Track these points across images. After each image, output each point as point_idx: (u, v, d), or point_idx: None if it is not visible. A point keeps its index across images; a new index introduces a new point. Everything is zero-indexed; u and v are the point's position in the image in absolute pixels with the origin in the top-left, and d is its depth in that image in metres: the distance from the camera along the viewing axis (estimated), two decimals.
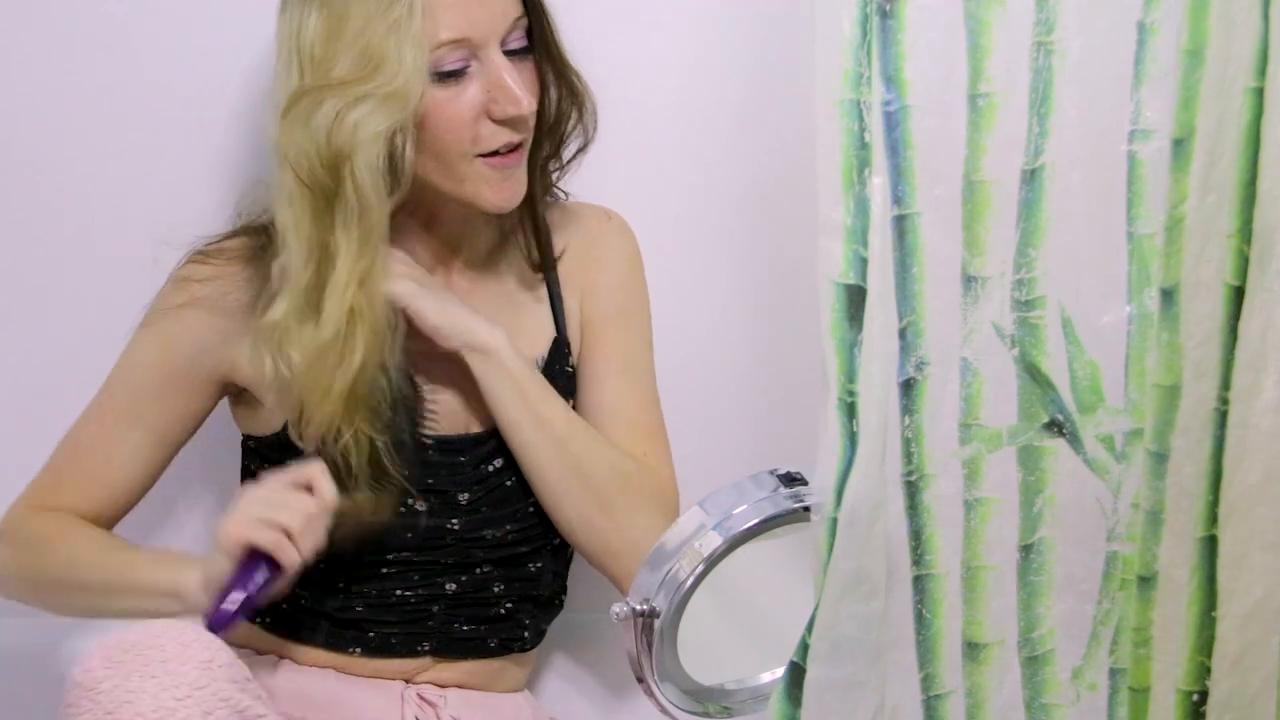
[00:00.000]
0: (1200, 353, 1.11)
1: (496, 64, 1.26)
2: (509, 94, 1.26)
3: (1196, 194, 1.09)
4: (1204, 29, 1.07)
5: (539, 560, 1.41)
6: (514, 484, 1.38)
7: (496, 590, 1.39)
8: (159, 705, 1.08)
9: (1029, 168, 1.09)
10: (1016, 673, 1.18)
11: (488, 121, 1.27)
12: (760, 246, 1.55)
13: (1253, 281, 1.09)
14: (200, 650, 1.12)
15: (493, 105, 1.27)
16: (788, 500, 1.13)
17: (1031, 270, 1.10)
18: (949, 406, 1.11)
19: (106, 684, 1.08)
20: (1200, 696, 1.15)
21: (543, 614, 1.46)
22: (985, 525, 1.14)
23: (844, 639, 1.09)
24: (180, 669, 1.09)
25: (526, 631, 1.43)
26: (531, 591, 1.42)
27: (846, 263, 1.04)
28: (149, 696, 1.08)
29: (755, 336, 1.57)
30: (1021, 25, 1.07)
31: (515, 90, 1.26)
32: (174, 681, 1.09)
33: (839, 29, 1.02)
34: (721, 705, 1.21)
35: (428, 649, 1.39)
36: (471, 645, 1.40)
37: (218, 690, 1.10)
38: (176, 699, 1.08)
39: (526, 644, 1.44)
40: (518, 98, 1.26)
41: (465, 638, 1.39)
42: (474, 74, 1.26)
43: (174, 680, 1.09)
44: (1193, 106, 1.08)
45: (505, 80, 1.26)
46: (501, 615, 1.41)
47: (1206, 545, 1.13)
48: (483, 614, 1.40)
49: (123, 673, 1.09)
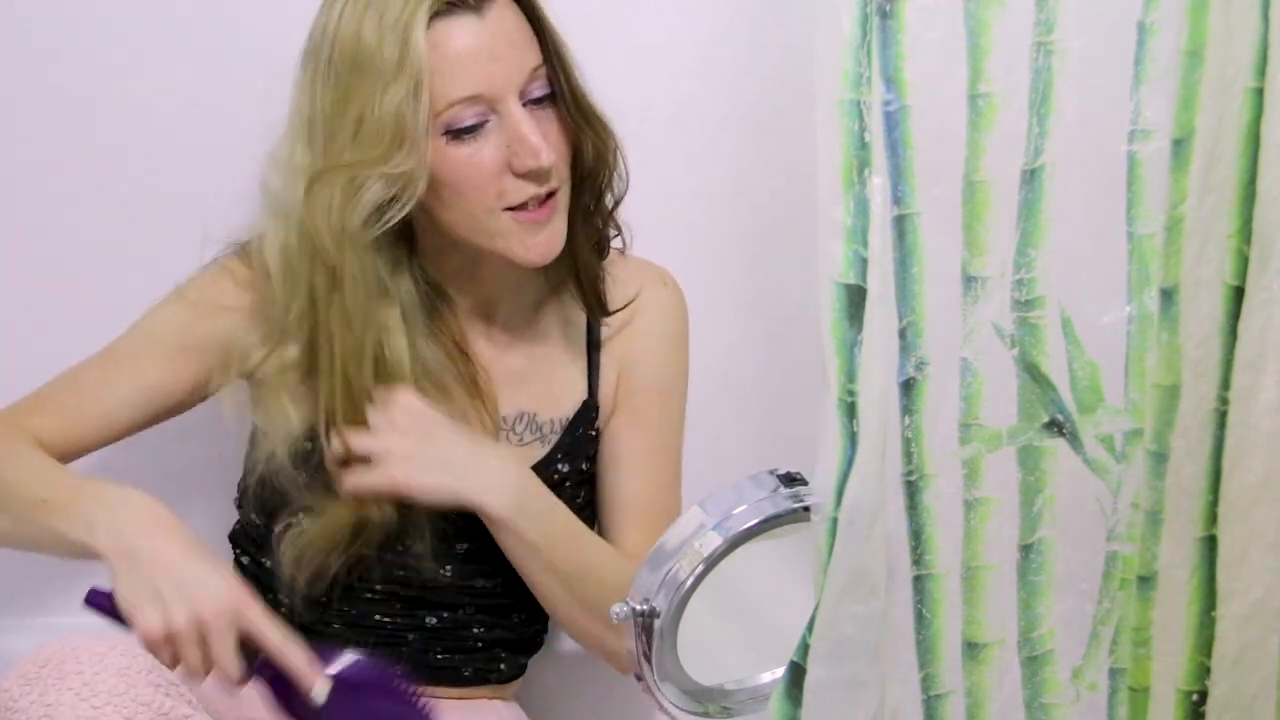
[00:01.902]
0: (1200, 353, 1.11)
1: (515, 116, 1.23)
2: (528, 146, 1.23)
3: (1196, 194, 1.09)
4: (1204, 29, 1.07)
5: (523, 611, 1.41)
6: None
7: (476, 631, 1.39)
8: (77, 716, 1.07)
9: (1029, 168, 1.09)
10: (1016, 673, 1.18)
11: (511, 175, 1.24)
12: (760, 246, 1.55)
13: (1252, 281, 1.09)
14: (117, 659, 1.11)
15: (513, 159, 1.24)
16: (788, 500, 1.13)
17: (1031, 270, 1.10)
18: (949, 406, 1.11)
19: (23, 701, 1.08)
20: (1200, 696, 1.16)
21: (521, 653, 1.45)
22: (985, 525, 1.14)
23: (844, 639, 1.09)
24: (96, 678, 1.09)
25: (503, 664, 1.43)
26: (510, 635, 1.42)
27: (846, 263, 1.04)
28: (66, 709, 1.07)
29: (755, 336, 1.57)
30: (1021, 25, 1.07)
31: (534, 141, 1.23)
32: (91, 691, 1.08)
33: (839, 29, 1.02)
34: (721, 705, 1.21)
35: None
36: (446, 673, 1.40)
37: (137, 695, 1.10)
38: (94, 708, 1.07)
39: (504, 675, 1.43)
40: (536, 149, 1.23)
41: (440, 666, 1.39)
42: (493, 128, 1.23)
43: (90, 690, 1.08)
44: (1192, 106, 1.08)
45: (523, 132, 1.23)
46: (478, 649, 1.40)
47: (1206, 545, 1.13)
48: (459, 646, 1.39)
49: (39, 689, 1.08)
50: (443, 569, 1.35)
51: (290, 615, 1.34)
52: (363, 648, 1.34)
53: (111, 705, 1.08)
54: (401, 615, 1.36)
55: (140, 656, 1.13)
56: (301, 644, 1.18)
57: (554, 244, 1.28)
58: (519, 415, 1.37)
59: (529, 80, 1.24)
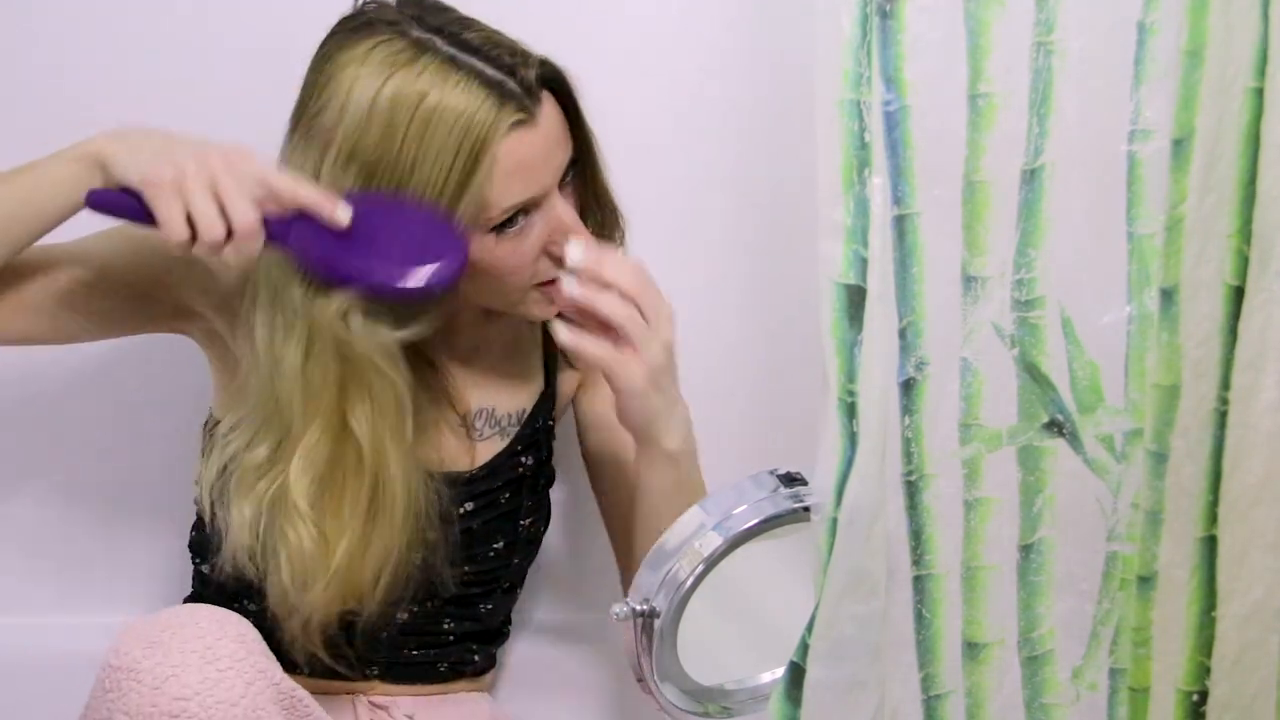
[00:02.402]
0: (1200, 353, 1.11)
1: (559, 209, 1.23)
2: (572, 234, 1.23)
3: (1196, 194, 1.09)
4: (1204, 29, 1.07)
5: (490, 602, 1.42)
6: (480, 528, 1.37)
7: (446, 625, 1.40)
8: (204, 678, 1.09)
9: (1029, 168, 1.09)
10: (1016, 673, 1.18)
11: (545, 257, 1.24)
12: (760, 246, 1.55)
13: (1252, 281, 1.09)
14: (234, 626, 1.13)
15: (552, 245, 1.23)
16: (788, 500, 1.13)
17: (1031, 270, 1.10)
18: (949, 406, 1.11)
19: (147, 663, 1.09)
20: (1200, 696, 1.16)
21: (490, 643, 1.47)
22: (985, 525, 1.14)
23: (844, 639, 1.09)
24: (218, 643, 1.11)
25: (477, 657, 1.44)
26: (479, 626, 1.43)
27: (846, 263, 1.04)
28: (193, 670, 1.09)
29: (755, 336, 1.58)
30: (1021, 25, 1.07)
31: (578, 230, 1.24)
32: (214, 655, 1.10)
33: (839, 29, 1.02)
34: (721, 705, 1.21)
35: (376, 673, 1.39)
36: (420, 670, 1.41)
37: (255, 663, 1.12)
38: (219, 670, 1.09)
39: (477, 668, 1.45)
40: (580, 236, 1.23)
41: (414, 662, 1.40)
42: (536, 219, 1.23)
43: (214, 654, 1.10)
44: (1192, 106, 1.08)
45: (567, 223, 1.23)
46: (449, 643, 1.41)
47: (1206, 545, 1.13)
48: (432, 642, 1.40)
49: (162, 651, 1.10)
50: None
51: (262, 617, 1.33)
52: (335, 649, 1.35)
53: (234, 670, 1.10)
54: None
55: (252, 629, 1.15)
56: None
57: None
58: (479, 411, 1.37)
59: (567, 169, 1.25)
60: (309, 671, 1.35)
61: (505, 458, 1.37)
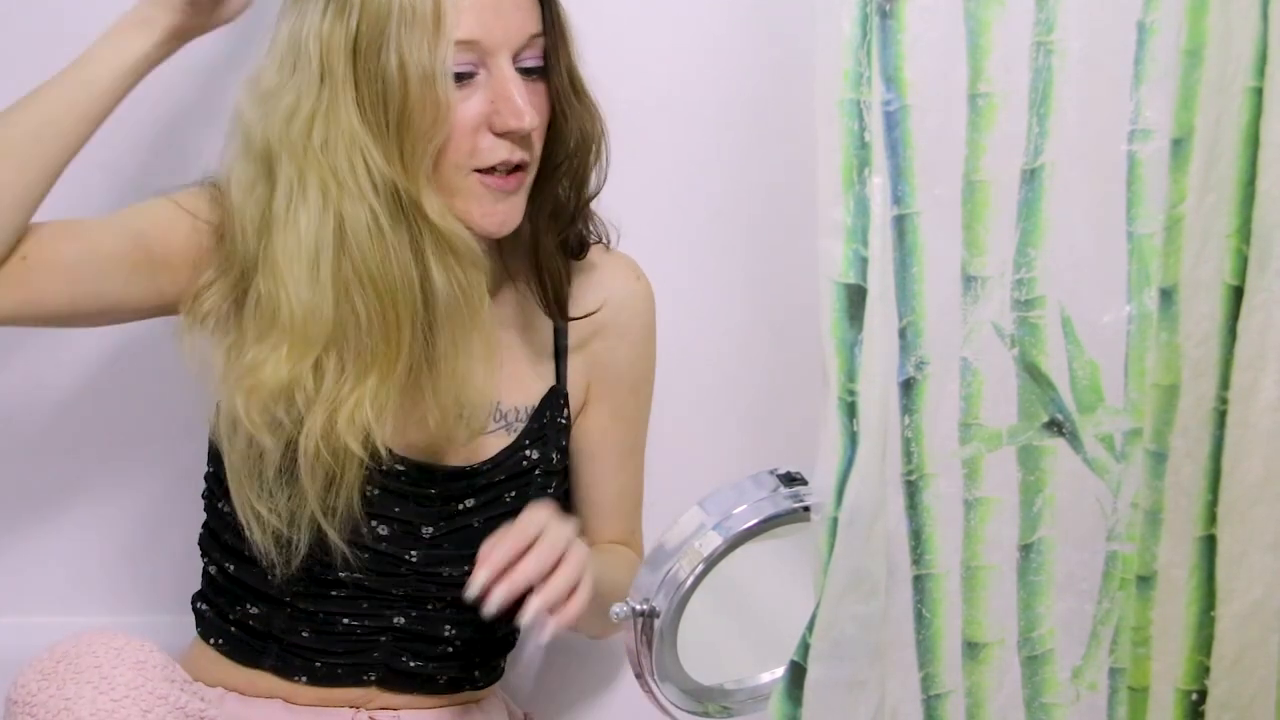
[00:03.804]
0: (1200, 352, 1.11)
1: (504, 75, 1.23)
2: (512, 105, 1.22)
3: (1196, 194, 1.09)
4: (1203, 29, 1.07)
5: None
6: (480, 526, 1.34)
7: (447, 631, 1.37)
8: (97, 709, 1.08)
9: (1029, 168, 1.09)
10: (1016, 672, 1.18)
11: (488, 134, 1.23)
12: (760, 246, 1.55)
13: (1252, 281, 1.09)
14: (133, 653, 1.12)
15: (495, 117, 1.23)
16: (788, 500, 1.13)
17: (1031, 270, 1.10)
18: (949, 406, 1.11)
19: (42, 695, 1.09)
20: (1199, 696, 1.16)
21: (495, 653, 1.44)
22: (985, 525, 1.14)
23: (844, 638, 1.09)
24: (114, 672, 1.10)
25: (478, 671, 1.41)
26: (481, 633, 1.39)
27: (847, 262, 1.04)
28: (86, 701, 1.08)
29: (756, 336, 1.57)
30: (1021, 25, 1.07)
31: (519, 102, 1.22)
32: (109, 685, 1.09)
33: (839, 29, 1.02)
34: (721, 705, 1.21)
35: (373, 679, 1.37)
36: (418, 681, 1.38)
37: (154, 689, 1.11)
38: (114, 700, 1.08)
39: (479, 683, 1.42)
40: (520, 110, 1.22)
41: (412, 673, 1.38)
42: (480, 83, 1.23)
43: (109, 684, 1.09)
44: (1192, 106, 1.08)
45: (510, 91, 1.22)
46: (450, 654, 1.38)
47: (1205, 545, 1.13)
48: (431, 651, 1.37)
49: (57, 683, 1.09)
50: (407, 553, 1.33)
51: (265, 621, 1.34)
52: (333, 658, 1.34)
53: (129, 698, 1.09)
54: (369, 616, 1.34)
55: (155, 652, 1.13)
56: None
57: (512, 217, 1.27)
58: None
59: (525, 45, 1.24)
60: (308, 680, 1.35)
61: (510, 453, 1.36)
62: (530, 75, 1.25)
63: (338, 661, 1.35)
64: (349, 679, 1.36)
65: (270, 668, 1.35)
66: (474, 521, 1.35)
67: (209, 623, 1.37)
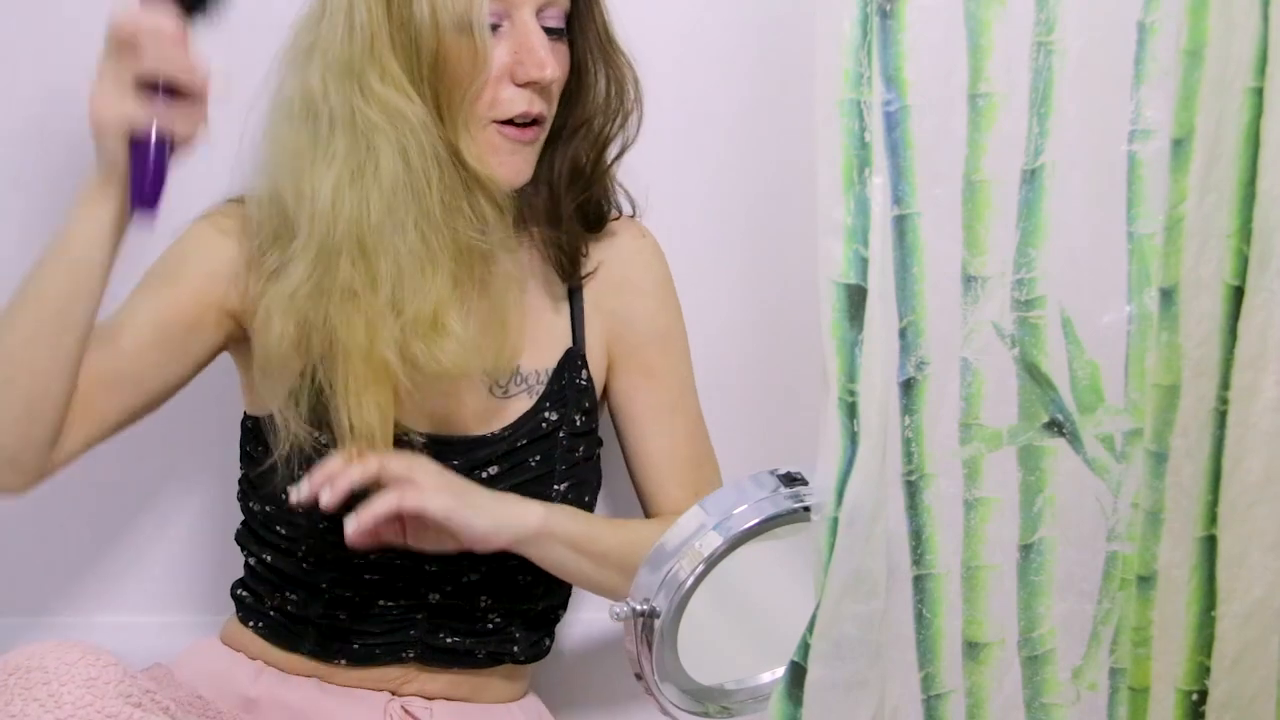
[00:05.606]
0: (1200, 352, 1.11)
1: (528, 26, 1.25)
2: (535, 56, 1.24)
3: (1196, 194, 1.09)
4: (1204, 29, 1.07)
5: (528, 573, 1.37)
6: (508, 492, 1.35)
7: (484, 603, 1.38)
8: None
9: (1029, 168, 1.09)
10: (1016, 672, 1.18)
11: (509, 85, 1.26)
12: (760, 246, 1.55)
13: (1252, 281, 1.09)
14: (84, 669, 1.10)
15: (517, 67, 1.25)
16: (788, 500, 1.13)
17: (1031, 270, 1.10)
18: (949, 406, 1.11)
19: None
20: (1200, 696, 1.16)
21: (536, 629, 1.43)
22: (985, 525, 1.14)
23: (845, 639, 1.09)
24: (62, 689, 1.08)
25: (517, 645, 1.41)
26: (521, 605, 1.40)
27: (847, 262, 1.04)
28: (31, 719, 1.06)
29: (756, 336, 1.57)
30: (1021, 25, 1.07)
31: (541, 53, 1.25)
32: (56, 703, 1.07)
33: (839, 29, 1.02)
34: (721, 705, 1.21)
35: (412, 656, 1.37)
36: (457, 657, 1.38)
37: (104, 708, 1.08)
38: (59, 719, 1.07)
39: (519, 657, 1.42)
40: (542, 61, 1.24)
41: (450, 649, 1.38)
42: (504, 34, 1.25)
43: (55, 701, 1.07)
44: (1192, 106, 1.08)
45: (534, 42, 1.25)
46: (489, 629, 1.39)
47: (1206, 545, 1.13)
48: (469, 627, 1.38)
49: (4, 697, 1.07)
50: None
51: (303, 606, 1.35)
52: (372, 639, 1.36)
53: (76, 718, 1.07)
54: (404, 595, 1.35)
55: (110, 668, 1.11)
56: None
57: (525, 170, 1.29)
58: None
59: (548, 3, 1.26)
60: (348, 661, 1.36)
61: (530, 415, 1.36)
62: (551, 34, 1.27)
63: (376, 642, 1.36)
64: (387, 658, 1.37)
65: (308, 652, 1.36)
66: (500, 489, 1.34)
67: (249, 608, 1.39)
